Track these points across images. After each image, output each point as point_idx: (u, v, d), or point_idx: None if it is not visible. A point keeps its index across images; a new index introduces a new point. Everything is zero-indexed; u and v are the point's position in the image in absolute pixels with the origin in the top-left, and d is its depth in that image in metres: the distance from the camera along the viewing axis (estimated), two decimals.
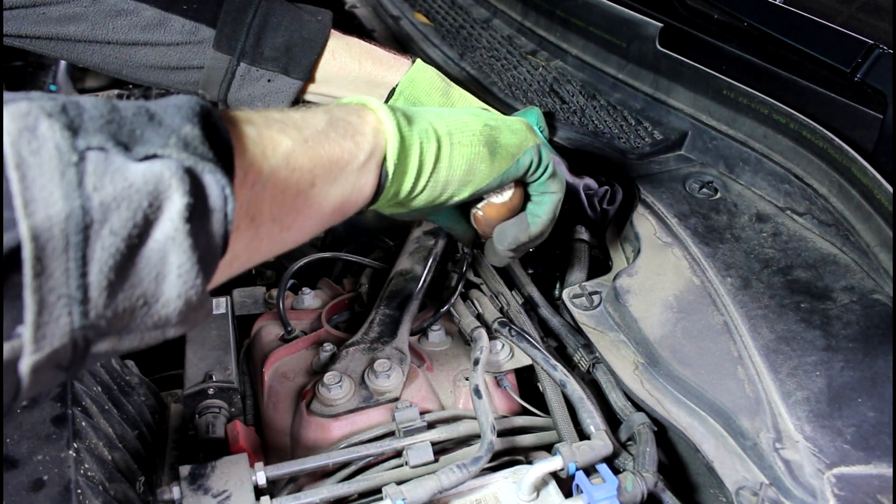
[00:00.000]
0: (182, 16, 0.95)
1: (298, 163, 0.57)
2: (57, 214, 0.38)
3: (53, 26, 0.93)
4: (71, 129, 0.40)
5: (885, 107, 0.89)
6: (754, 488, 0.70)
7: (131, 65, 0.99)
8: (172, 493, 0.75)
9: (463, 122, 0.73)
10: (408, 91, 1.01)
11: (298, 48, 0.99)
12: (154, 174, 0.43)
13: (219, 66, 0.98)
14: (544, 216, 0.83)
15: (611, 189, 1.08)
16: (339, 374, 0.88)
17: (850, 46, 0.93)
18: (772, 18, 1.03)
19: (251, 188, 0.53)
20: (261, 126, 0.56)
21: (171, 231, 0.43)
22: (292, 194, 0.57)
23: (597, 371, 0.91)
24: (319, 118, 0.62)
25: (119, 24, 0.94)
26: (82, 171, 0.40)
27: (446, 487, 0.73)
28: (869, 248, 0.87)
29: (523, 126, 0.79)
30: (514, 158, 0.76)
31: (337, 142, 0.61)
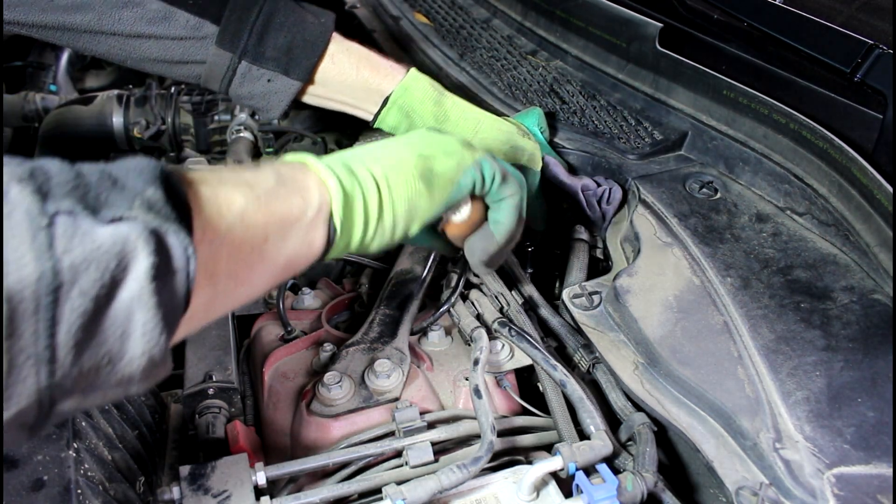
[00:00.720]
0: (187, 11, 0.96)
1: (252, 220, 0.59)
2: (28, 276, 0.40)
3: (60, 15, 0.94)
4: (40, 194, 0.42)
5: (884, 107, 0.89)
6: (754, 488, 0.70)
7: (135, 57, 1.00)
8: (172, 493, 0.75)
9: (397, 160, 0.73)
10: (401, 99, 1.02)
11: (300, 49, 1.00)
12: (121, 235, 0.44)
13: (221, 62, 0.99)
14: (506, 221, 0.82)
15: (609, 189, 1.08)
16: (339, 374, 0.88)
17: (849, 46, 0.93)
18: (772, 18, 1.03)
19: (209, 245, 0.54)
20: (215, 185, 0.57)
21: (137, 290, 0.45)
22: (247, 250, 0.59)
23: (597, 371, 0.91)
24: (268, 176, 0.63)
25: (125, 16, 0.95)
26: (52, 234, 0.41)
27: (446, 487, 0.73)
28: (869, 248, 0.87)
29: (459, 146, 0.77)
30: (453, 183, 0.75)
31: (286, 198, 0.63)
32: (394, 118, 1.04)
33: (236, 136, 1.86)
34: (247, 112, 1.92)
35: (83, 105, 1.96)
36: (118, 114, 1.93)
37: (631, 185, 1.07)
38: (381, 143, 0.76)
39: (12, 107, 2.21)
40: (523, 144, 1.03)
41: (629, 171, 1.10)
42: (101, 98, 1.96)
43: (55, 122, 1.96)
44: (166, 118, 1.94)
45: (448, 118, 1.02)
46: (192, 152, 1.97)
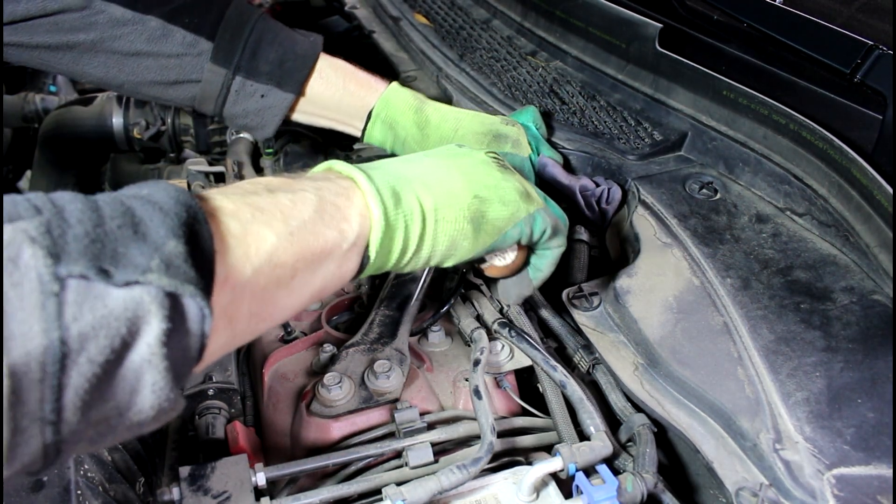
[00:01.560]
0: (184, 28, 0.99)
1: (281, 259, 0.56)
2: (35, 349, 0.39)
3: (65, 35, 0.96)
4: (53, 256, 0.41)
5: (884, 107, 0.89)
6: (754, 489, 0.70)
7: (133, 80, 1.02)
8: (172, 493, 0.75)
9: (451, 195, 0.70)
10: (384, 112, 1.06)
11: (291, 63, 1.03)
12: (134, 300, 0.43)
13: (215, 79, 1.02)
14: (546, 269, 0.82)
15: (609, 188, 1.08)
16: (339, 374, 0.88)
17: (849, 47, 0.93)
18: (771, 19, 1.03)
19: (231, 291, 0.52)
20: (246, 220, 0.55)
21: (147, 354, 0.44)
22: (272, 289, 0.57)
23: (597, 372, 0.91)
24: (308, 204, 0.60)
25: (125, 33, 0.97)
26: (62, 301, 0.41)
27: (446, 488, 0.73)
28: (869, 248, 0.87)
29: (517, 196, 0.74)
30: (501, 233, 0.73)
31: (322, 233, 0.60)
32: (379, 132, 1.08)
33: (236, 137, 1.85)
34: None
35: (83, 106, 1.96)
36: (118, 114, 1.93)
37: (631, 185, 1.07)
38: (435, 164, 0.73)
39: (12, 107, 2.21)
40: (505, 131, 1.04)
41: (629, 171, 1.10)
42: (101, 99, 1.96)
43: (55, 122, 1.96)
44: (166, 119, 1.94)
45: (429, 123, 1.05)
46: (192, 153, 1.98)
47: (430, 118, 1.05)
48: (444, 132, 1.04)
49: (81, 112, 1.95)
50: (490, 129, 1.03)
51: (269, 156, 1.80)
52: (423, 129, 1.05)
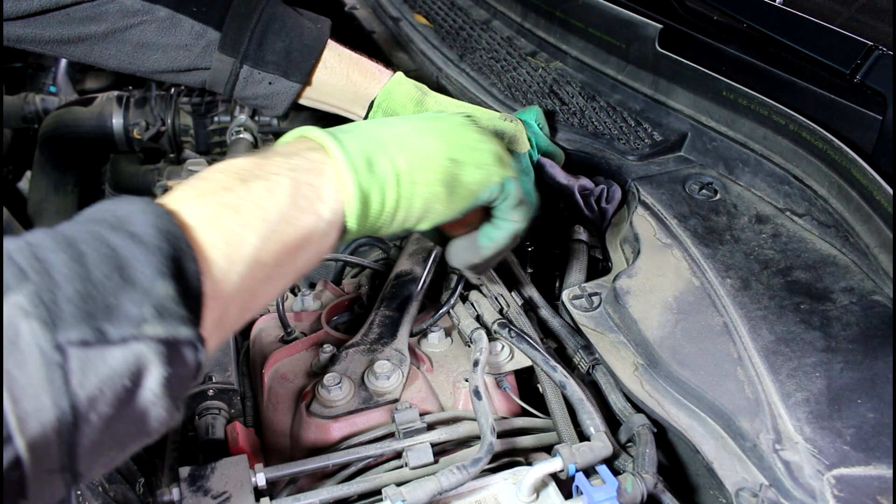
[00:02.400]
0: (192, 17, 1.00)
1: (264, 259, 0.57)
2: (48, 421, 0.42)
3: (75, 27, 0.97)
4: (50, 325, 0.42)
5: (884, 108, 0.89)
6: (754, 489, 0.70)
7: (144, 68, 1.04)
8: (172, 494, 0.75)
9: (426, 156, 0.70)
10: (385, 103, 1.06)
11: (298, 53, 1.04)
12: (133, 354, 0.45)
13: (223, 68, 1.03)
14: (498, 241, 0.80)
15: (608, 188, 1.08)
16: (339, 375, 0.88)
17: (849, 48, 0.93)
18: (771, 20, 1.03)
19: (219, 303, 0.54)
20: (225, 227, 0.55)
21: (151, 397, 0.47)
22: (257, 287, 0.58)
23: (596, 372, 0.91)
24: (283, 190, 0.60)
25: (135, 23, 0.99)
26: (67, 371, 0.42)
27: (446, 489, 0.73)
28: (868, 249, 0.87)
29: (492, 158, 0.74)
30: (474, 196, 0.73)
31: (300, 220, 0.60)
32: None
33: (236, 138, 1.86)
34: (246, 113, 1.92)
35: (83, 106, 1.96)
36: (118, 115, 1.93)
37: (630, 186, 1.07)
38: (411, 126, 0.72)
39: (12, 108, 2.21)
40: (504, 127, 1.03)
41: (629, 172, 1.10)
42: (101, 99, 1.96)
43: (55, 123, 1.96)
44: (166, 119, 1.94)
45: None
46: (192, 153, 1.98)
47: (430, 110, 1.06)
48: None
49: (81, 112, 1.95)
50: (487, 125, 1.04)
51: None
52: None
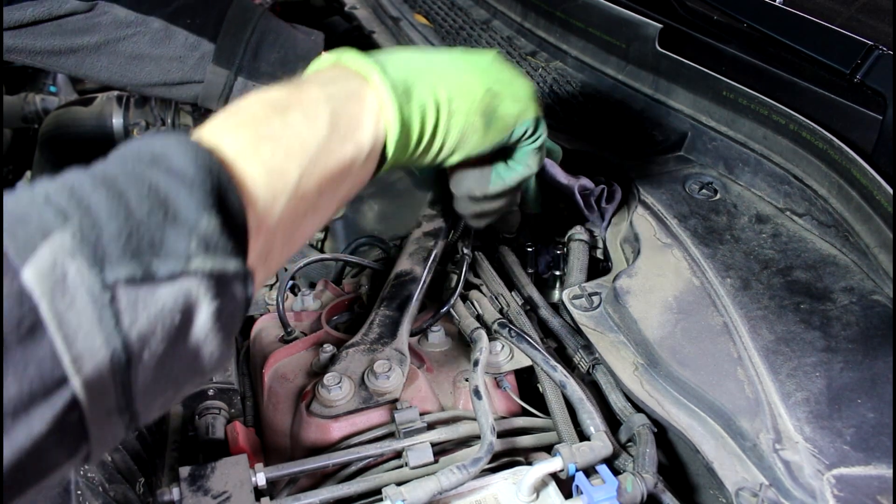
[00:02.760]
0: (186, 29, 1.00)
1: (306, 189, 0.56)
2: (103, 360, 0.41)
3: (68, 38, 0.97)
4: (97, 264, 0.41)
5: (884, 108, 0.89)
6: (754, 489, 0.70)
7: (136, 81, 1.03)
8: (172, 494, 0.75)
9: (465, 86, 0.69)
10: None
11: (293, 64, 1.03)
12: (182, 291, 0.45)
13: (217, 80, 1.02)
14: (508, 181, 0.81)
15: (608, 188, 1.08)
16: (339, 375, 0.88)
17: (849, 47, 0.93)
18: (771, 19, 1.03)
19: (263, 236, 0.53)
20: (266, 159, 0.54)
21: (202, 333, 0.47)
22: (300, 219, 0.58)
23: (596, 372, 0.91)
24: (322, 120, 0.59)
25: (128, 35, 0.98)
26: (117, 310, 0.42)
27: (446, 488, 0.73)
28: (869, 249, 0.87)
29: (527, 94, 0.75)
30: (509, 130, 0.74)
31: (340, 150, 0.60)
32: None
33: None
34: None
35: (83, 106, 1.96)
36: (118, 115, 1.93)
37: (630, 186, 1.07)
38: (449, 57, 0.72)
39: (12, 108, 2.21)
40: None
41: (628, 171, 1.10)
42: (101, 99, 1.96)
43: (55, 123, 1.96)
44: (166, 119, 1.94)
45: None
46: None
47: None
48: None
49: (81, 112, 1.95)
50: None
51: None
52: None
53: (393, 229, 1.43)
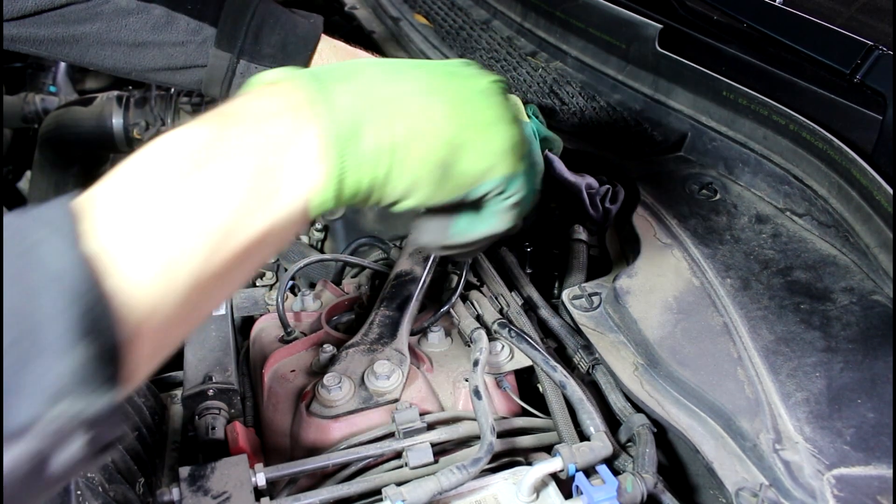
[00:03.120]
0: (187, 14, 1.00)
1: (209, 276, 0.48)
2: None
3: (70, 27, 0.97)
4: None
5: (884, 108, 0.89)
6: (754, 489, 0.70)
7: (140, 68, 1.03)
8: (172, 494, 0.75)
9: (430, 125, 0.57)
10: None
11: (293, 46, 1.04)
12: (37, 444, 0.39)
13: (220, 63, 1.03)
14: (470, 236, 0.67)
15: (613, 188, 1.08)
16: (339, 375, 0.88)
17: (849, 48, 0.93)
18: (771, 19, 1.03)
19: (151, 335, 0.46)
20: (161, 250, 0.46)
21: (61, 468, 0.41)
22: (201, 303, 0.50)
23: (596, 372, 0.91)
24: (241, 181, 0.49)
25: (130, 23, 0.98)
26: None
27: (446, 488, 0.73)
28: (869, 249, 0.87)
29: (500, 147, 0.60)
30: (468, 187, 0.60)
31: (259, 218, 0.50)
32: None
33: None
34: None
35: (83, 106, 1.97)
36: (118, 115, 1.93)
37: (630, 186, 1.07)
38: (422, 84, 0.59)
39: (12, 108, 2.21)
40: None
41: (629, 171, 1.10)
42: (101, 99, 1.96)
43: (55, 123, 1.96)
44: (166, 119, 1.94)
45: None
46: None
47: None
48: None
49: (81, 112, 1.95)
50: None
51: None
52: None
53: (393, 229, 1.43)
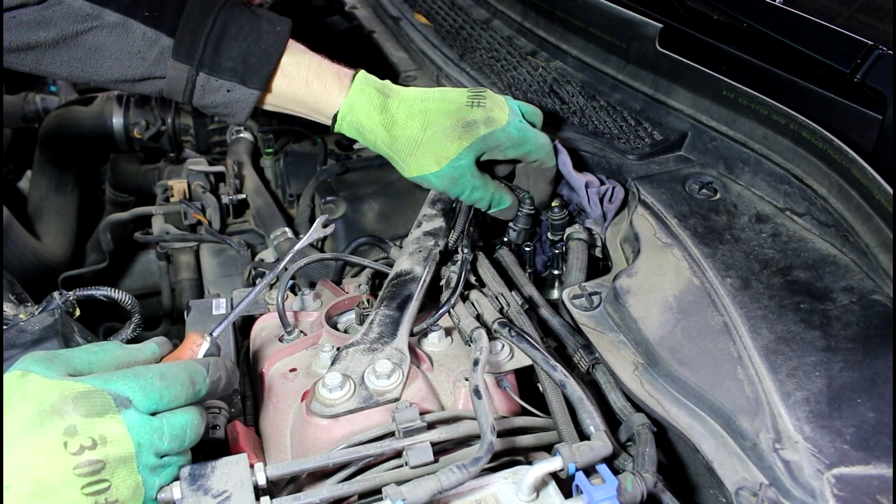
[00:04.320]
0: (143, 22, 0.97)
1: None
2: None
3: (24, 32, 0.94)
4: None
5: (884, 108, 0.89)
6: (754, 489, 0.70)
7: (98, 78, 1.00)
8: (172, 493, 0.75)
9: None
10: (349, 117, 1.04)
11: (255, 59, 1.01)
12: None
13: (179, 76, 1.00)
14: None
15: (613, 188, 1.08)
16: (339, 374, 0.88)
17: (849, 47, 0.93)
18: (771, 19, 1.03)
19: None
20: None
21: None
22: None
23: (596, 371, 0.91)
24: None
25: (84, 29, 0.95)
26: None
27: (446, 488, 0.73)
28: (868, 248, 0.87)
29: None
30: None
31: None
32: (348, 132, 1.06)
33: (236, 137, 1.86)
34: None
35: (83, 106, 1.97)
36: (118, 114, 1.93)
37: (631, 185, 1.07)
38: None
39: (12, 107, 2.22)
40: (473, 117, 1.02)
41: (629, 171, 1.10)
42: (101, 99, 1.97)
43: (55, 122, 1.96)
44: (166, 119, 1.94)
45: (395, 122, 1.03)
46: (192, 153, 1.98)
47: (396, 118, 1.03)
48: (412, 132, 1.02)
49: (81, 112, 1.95)
50: (458, 120, 1.01)
51: (269, 156, 1.80)
52: (390, 129, 1.03)
53: (393, 229, 1.43)
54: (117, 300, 1.04)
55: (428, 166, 1.02)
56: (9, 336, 0.90)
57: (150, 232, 1.64)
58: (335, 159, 1.69)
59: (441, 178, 1.03)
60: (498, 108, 1.04)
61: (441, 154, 1.01)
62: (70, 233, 2.00)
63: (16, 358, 0.73)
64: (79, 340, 0.94)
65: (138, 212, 1.70)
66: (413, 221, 1.14)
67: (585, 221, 1.10)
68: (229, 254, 1.60)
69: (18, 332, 0.91)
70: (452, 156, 1.01)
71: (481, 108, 1.03)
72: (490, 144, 1.02)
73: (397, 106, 1.04)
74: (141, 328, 1.09)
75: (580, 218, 1.12)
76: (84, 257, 2.00)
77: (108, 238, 1.72)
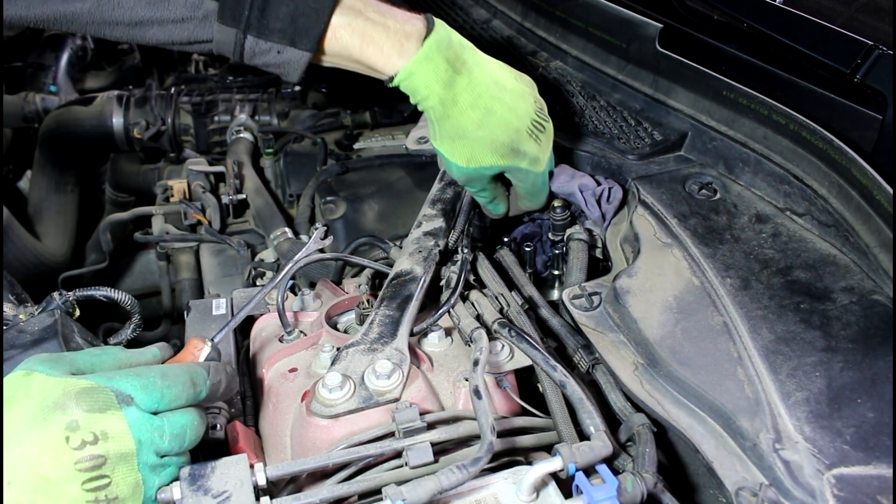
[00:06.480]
0: None
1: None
2: None
3: (60, 5, 0.91)
4: None
5: (884, 108, 0.89)
6: (754, 489, 0.70)
7: (145, 42, 0.97)
8: (172, 493, 0.75)
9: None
10: (405, 83, 0.97)
11: (304, 18, 0.95)
12: None
13: (227, 39, 0.96)
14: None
15: (610, 188, 1.08)
16: (339, 375, 0.88)
17: (849, 47, 0.93)
18: (771, 19, 1.03)
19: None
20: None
21: None
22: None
23: (596, 372, 0.91)
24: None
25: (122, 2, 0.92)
26: None
27: (446, 488, 0.73)
28: (868, 248, 0.87)
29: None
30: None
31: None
32: (403, 89, 0.99)
33: (236, 137, 1.86)
34: (247, 112, 1.93)
35: (83, 106, 1.97)
36: (118, 114, 1.93)
37: (631, 185, 1.07)
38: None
39: (12, 107, 2.22)
40: (525, 149, 1.00)
41: (629, 171, 1.10)
42: (101, 99, 1.97)
43: (55, 122, 1.96)
44: (166, 119, 1.94)
45: (455, 104, 0.97)
46: (192, 153, 1.98)
47: (457, 99, 0.97)
48: (465, 123, 0.98)
49: (81, 112, 1.95)
50: (512, 141, 0.99)
51: (269, 156, 1.80)
52: (446, 107, 0.97)
53: (393, 229, 1.43)
54: (117, 300, 1.04)
55: (458, 157, 1.02)
56: (8, 336, 0.90)
57: (150, 232, 1.64)
58: (335, 159, 1.69)
59: (462, 172, 1.03)
60: (546, 150, 1.04)
61: (476, 157, 1.01)
62: (70, 233, 2.00)
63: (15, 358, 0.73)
64: (78, 341, 0.94)
65: (138, 212, 1.70)
66: (413, 221, 1.14)
67: (586, 222, 1.10)
68: (229, 254, 1.60)
69: (18, 333, 0.91)
70: (485, 164, 1.01)
71: (537, 143, 1.01)
72: (516, 176, 1.05)
73: (464, 87, 0.98)
74: (141, 328, 1.09)
75: (581, 218, 1.12)
76: (84, 257, 2.00)
77: (107, 238, 1.72)
